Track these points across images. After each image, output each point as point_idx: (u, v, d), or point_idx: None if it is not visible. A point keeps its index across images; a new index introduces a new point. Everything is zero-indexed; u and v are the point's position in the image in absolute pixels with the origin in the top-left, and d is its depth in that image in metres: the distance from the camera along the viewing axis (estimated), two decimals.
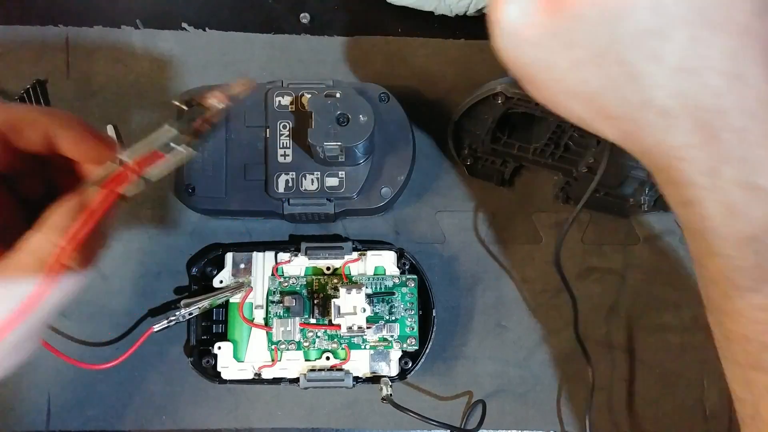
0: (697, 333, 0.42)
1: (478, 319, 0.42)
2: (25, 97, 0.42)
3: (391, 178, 0.40)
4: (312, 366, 0.39)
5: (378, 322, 0.39)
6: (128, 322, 0.42)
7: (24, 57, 0.43)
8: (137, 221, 0.42)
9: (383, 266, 0.40)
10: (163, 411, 0.41)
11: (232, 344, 0.39)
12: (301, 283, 0.40)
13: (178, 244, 0.42)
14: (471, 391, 0.42)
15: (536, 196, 0.43)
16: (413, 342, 0.39)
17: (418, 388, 0.42)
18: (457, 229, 0.43)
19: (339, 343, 0.39)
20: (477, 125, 0.40)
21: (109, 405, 0.41)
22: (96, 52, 0.43)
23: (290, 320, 0.39)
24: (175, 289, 0.42)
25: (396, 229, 0.43)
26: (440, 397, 0.42)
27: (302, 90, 0.40)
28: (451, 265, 0.43)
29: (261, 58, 0.44)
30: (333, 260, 0.40)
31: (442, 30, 0.44)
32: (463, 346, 0.42)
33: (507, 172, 0.42)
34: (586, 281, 0.42)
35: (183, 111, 0.29)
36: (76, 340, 0.41)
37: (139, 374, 0.41)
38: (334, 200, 0.40)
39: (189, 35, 0.44)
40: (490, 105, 0.38)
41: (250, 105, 0.40)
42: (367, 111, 0.37)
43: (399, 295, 0.39)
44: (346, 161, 0.39)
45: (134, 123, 0.43)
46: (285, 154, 0.40)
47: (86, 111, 0.43)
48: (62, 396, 0.41)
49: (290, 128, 0.40)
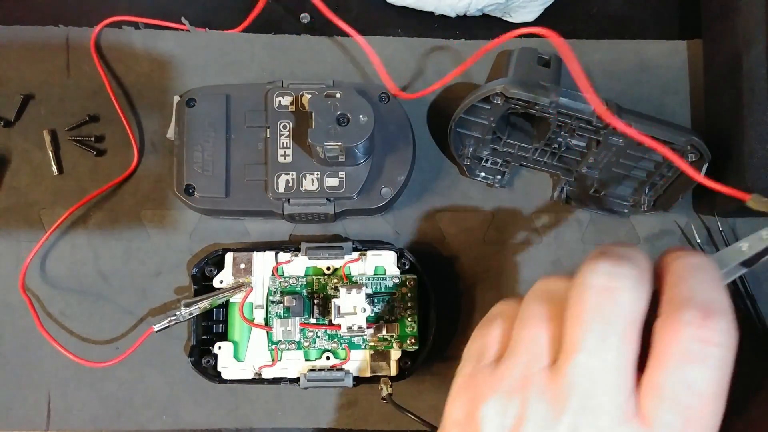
0: None
1: (478, 319, 0.42)
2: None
3: (391, 178, 0.40)
4: (312, 366, 0.39)
5: (378, 322, 0.39)
6: (128, 322, 0.42)
7: (24, 57, 0.43)
8: (137, 221, 0.42)
9: (383, 266, 0.40)
10: (163, 411, 0.41)
11: (232, 344, 0.39)
12: (301, 283, 0.40)
13: (178, 244, 0.42)
14: None
15: (536, 196, 0.43)
16: (413, 342, 0.39)
17: (418, 388, 0.42)
18: (457, 229, 0.43)
19: (339, 343, 0.39)
20: (477, 125, 0.40)
21: (109, 405, 0.41)
22: (96, 52, 0.43)
23: (290, 320, 0.39)
24: (175, 289, 0.42)
25: (396, 229, 0.43)
26: (440, 397, 0.42)
27: (302, 90, 0.40)
28: (451, 265, 0.43)
29: (261, 58, 0.44)
30: (333, 260, 0.40)
31: (442, 30, 0.44)
32: (463, 346, 0.42)
33: (507, 172, 0.42)
34: None
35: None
36: (76, 336, 0.41)
37: (139, 374, 0.41)
38: (334, 200, 0.40)
39: (189, 35, 0.44)
40: (490, 105, 0.38)
41: (251, 105, 0.40)
42: (367, 111, 0.37)
43: (399, 295, 0.39)
44: (346, 161, 0.39)
45: (134, 123, 0.43)
46: (285, 154, 0.40)
47: (86, 111, 0.43)
48: (62, 396, 0.41)
49: (290, 128, 0.40)
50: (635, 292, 0.24)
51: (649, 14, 0.45)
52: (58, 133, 0.43)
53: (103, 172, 0.42)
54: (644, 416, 0.23)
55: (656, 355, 0.23)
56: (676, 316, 0.23)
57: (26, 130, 0.43)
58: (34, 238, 0.42)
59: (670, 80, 0.44)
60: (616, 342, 0.23)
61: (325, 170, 0.39)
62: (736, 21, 0.39)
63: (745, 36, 0.38)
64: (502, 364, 0.26)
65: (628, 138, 0.38)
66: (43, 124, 0.43)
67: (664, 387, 0.23)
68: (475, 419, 0.26)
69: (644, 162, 0.39)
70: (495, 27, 0.44)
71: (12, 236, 0.42)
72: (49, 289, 0.42)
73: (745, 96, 0.37)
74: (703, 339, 0.23)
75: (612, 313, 0.24)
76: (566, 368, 0.24)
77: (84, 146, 0.42)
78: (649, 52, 0.44)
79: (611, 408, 0.23)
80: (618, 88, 0.43)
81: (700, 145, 0.36)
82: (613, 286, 0.24)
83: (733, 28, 0.39)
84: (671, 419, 0.22)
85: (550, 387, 0.24)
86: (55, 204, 0.42)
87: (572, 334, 0.24)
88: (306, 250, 0.40)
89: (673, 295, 0.24)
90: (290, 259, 0.40)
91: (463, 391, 0.27)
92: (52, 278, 0.42)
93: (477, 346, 0.29)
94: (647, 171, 0.40)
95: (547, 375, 0.25)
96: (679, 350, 0.23)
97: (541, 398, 0.24)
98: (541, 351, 0.25)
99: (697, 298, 0.23)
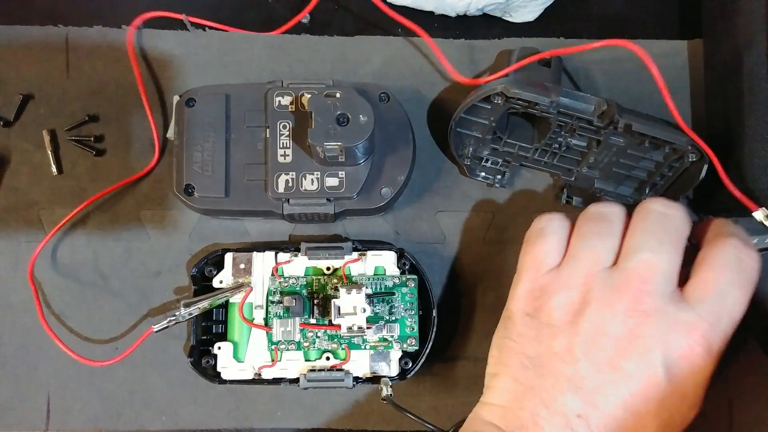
0: None
1: (478, 319, 0.42)
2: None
3: (391, 178, 0.40)
4: (312, 366, 0.39)
5: (378, 322, 0.39)
6: (128, 322, 0.42)
7: (24, 57, 0.43)
8: (137, 221, 0.42)
9: (383, 266, 0.40)
10: (163, 411, 0.41)
11: (232, 344, 0.39)
12: (301, 284, 0.40)
13: (178, 244, 0.42)
14: (471, 392, 0.42)
15: (536, 196, 0.43)
16: (413, 342, 0.39)
17: (418, 388, 0.42)
18: (457, 229, 0.43)
19: (339, 344, 0.39)
20: (477, 125, 0.40)
21: (109, 405, 0.41)
22: (96, 52, 0.43)
23: (290, 320, 0.39)
24: (174, 289, 0.42)
25: (396, 229, 0.43)
26: (440, 398, 0.42)
27: (302, 90, 0.40)
28: (451, 265, 0.43)
29: (261, 58, 0.44)
30: (333, 260, 0.40)
31: (442, 30, 0.44)
32: (463, 346, 0.42)
33: (507, 172, 0.42)
34: None
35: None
36: (76, 335, 0.41)
37: (139, 374, 0.41)
38: (334, 200, 0.40)
39: (189, 35, 0.44)
40: (490, 105, 0.38)
41: (250, 105, 0.40)
42: (367, 111, 0.37)
43: (399, 295, 0.39)
44: (346, 161, 0.39)
45: (134, 123, 0.43)
46: (285, 154, 0.40)
47: (86, 111, 0.43)
48: (62, 396, 0.41)
49: (290, 128, 0.40)
50: (684, 218, 0.32)
51: (649, 14, 0.45)
52: (57, 133, 0.43)
53: (102, 172, 0.42)
54: (688, 301, 0.30)
55: (704, 261, 0.31)
56: (723, 239, 0.31)
57: (26, 130, 0.43)
58: (33, 238, 0.42)
59: (670, 80, 0.43)
60: (670, 247, 0.31)
61: (325, 170, 0.39)
62: (736, 21, 0.39)
63: (746, 36, 0.37)
64: (565, 268, 0.33)
65: (629, 138, 0.38)
66: (43, 124, 0.43)
67: (708, 281, 0.31)
68: (545, 310, 0.32)
69: (645, 162, 0.39)
70: (495, 27, 0.44)
71: (11, 236, 0.42)
72: (48, 289, 0.42)
73: (746, 96, 0.37)
74: (742, 258, 0.31)
75: (669, 226, 0.32)
76: (628, 262, 0.31)
77: (83, 146, 0.42)
78: (649, 52, 0.44)
79: (663, 291, 0.30)
80: (618, 88, 0.43)
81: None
82: (670, 212, 0.32)
83: (733, 28, 0.39)
84: (709, 305, 0.30)
85: (613, 277, 0.31)
86: (55, 204, 0.42)
87: (635, 239, 0.32)
88: (306, 250, 0.39)
89: (719, 232, 0.32)
90: (290, 259, 0.40)
91: (529, 291, 0.33)
92: (51, 278, 0.42)
93: (532, 257, 0.34)
94: (648, 171, 0.40)
95: (608, 272, 0.32)
96: (724, 259, 0.31)
97: (605, 285, 0.31)
98: (602, 256, 0.32)
99: (739, 235, 0.32)
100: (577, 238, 0.33)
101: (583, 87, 0.43)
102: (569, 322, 0.32)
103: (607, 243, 0.32)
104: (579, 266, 0.32)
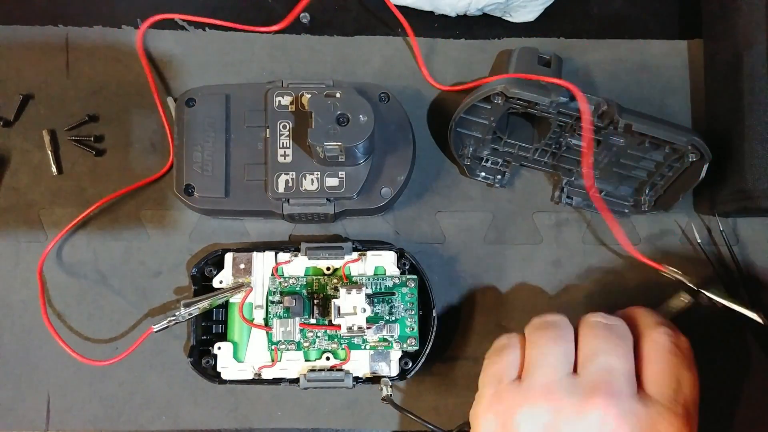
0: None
1: (478, 319, 0.42)
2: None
3: (391, 178, 0.40)
4: (312, 366, 0.39)
5: (378, 322, 0.39)
6: (128, 322, 0.42)
7: (24, 57, 0.43)
8: (137, 221, 0.42)
9: (383, 266, 0.40)
10: (163, 411, 0.41)
11: (232, 344, 0.39)
12: (301, 284, 0.40)
13: (178, 244, 0.42)
14: (471, 391, 0.42)
15: (536, 196, 0.43)
16: (413, 342, 0.39)
17: (418, 388, 0.42)
18: (457, 229, 0.43)
19: (339, 344, 0.39)
20: (477, 125, 0.40)
21: (109, 405, 0.41)
22: (96, 52, 0.43)
23: (290, 320, 0.39)
24: (174, 289, 0.42)
25: (396, 229, 0.43)
26: (440, 398, 0.42)
27: (302, 90, 0.40)
28: (451, 265, 0.43)
29: (261, 58, 0.44)
30: (333, 260, 0.40)
31: (442, 30, 0.44)
32: (463, 346, 0.42)
33: (507, 172, 0.42)
34: (586, 281, 0.42)
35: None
36: (76, 335, 0.41)
37: (139, 374, 0.41)
38: (334, 200, 0.40)
39: (189, 35, 0.44)
40: (490, 105, 0.38)
41: (250, 105, 0.40)
42: (367, 111, 0.37)
43: (399, 295, 0.39)
44: (346, 161, 0.39)
45: (134, 123, 0.43)
46: (285, 154, 0.40)
47: (86, 111, 0.43)
48: (62, 396, 0.41)
49: (290, 128, 0.40)
50: (626, 327, 0.35)
51: (650, 14, 0.45)
52: (57, 133, 0.43)
53: (102, 172, 0.42)
54: (651, 395, 0.32)
55: (649, 356, 0.33)
56: (655, 330, 0.34)
57: (26, 130, 0.43)
58: (33, 238, 0.42)
59: (670, 80, 0.44)
60: (625, 350, 0.33)
61: (325, 170, 0.39)
62: (736, 21, 0.39)
63: (746, 36, 0.38)
64: (526, 380, 0.33)
65: (629, 138, 0.38)
66: (43, 124, 0.43)
67: (662, 372, 0.33)
68: (510, 428, 0.32)
69: (645, 162, 0.39)
70: (495, 26, 0.44)
71: (11, 236, 0.42)
72: (48, 289, 0.42)
73: (746, 96, 0.37)
74: (678, 344, 0.34)
75: (617, 333, 0.34)
76: (590, 368, 0.32)
77: (83, 146, 0.42)
78: (649, 52, 0.44)
79: (628, 390, 0.32)
80: (618, 88, 0.43)
81: (701, 145, 0.36)
82: (614, 323, 0.34)
83: (733, 28, 0.39)
84: (671, 393, 0.32)
85: (577, 386, 0.32)
86: (55, 204, 0.42)
87: (590, 346, 0.33)
88: (306, 250, 0.39)
89: (647, 323, 0.35)
90: (290, 260, 0.40)
91: (492, 409, 0.33)
92: (51, 278, 0.42)
93: (493, 372, 0.35)
94: (648, 171, 0.40)
95: (570, 380, 0.32)
96: (665, 349, 0.33)
97: (573, 394, 0.31)
98: (559, 362, 0.33)
99: (666, 323, 0.35)
100: (531, 347, 0.34)
101: (583, 87, 0.43)
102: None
103: (561, 347, 0.33)
104: (538, 374, 0.33)
